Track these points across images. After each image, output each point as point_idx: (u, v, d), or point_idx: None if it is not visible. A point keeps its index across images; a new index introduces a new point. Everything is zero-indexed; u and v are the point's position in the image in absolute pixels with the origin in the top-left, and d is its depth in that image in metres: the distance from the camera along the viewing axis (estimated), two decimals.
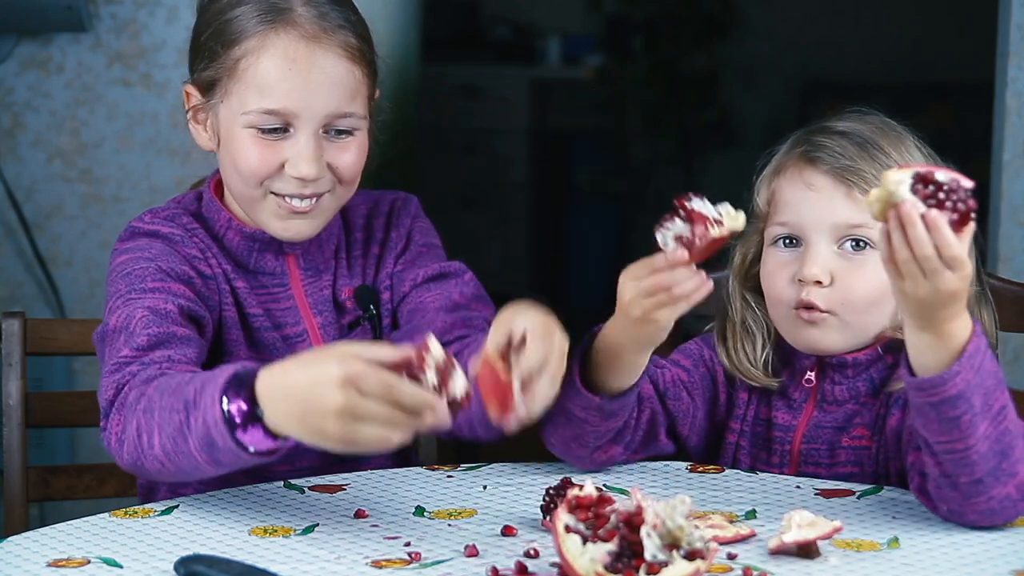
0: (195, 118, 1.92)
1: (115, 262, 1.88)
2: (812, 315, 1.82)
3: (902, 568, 1.54)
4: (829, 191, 1.82)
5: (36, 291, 3.25)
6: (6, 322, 2.08)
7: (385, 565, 1.55)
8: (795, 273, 1.83)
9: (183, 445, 1.63)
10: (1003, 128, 3.11)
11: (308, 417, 1.54)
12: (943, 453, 1.61)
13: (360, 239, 2.00)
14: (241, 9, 1.85)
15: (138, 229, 1.90)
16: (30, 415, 2.08)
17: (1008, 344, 2.99)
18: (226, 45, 1.84)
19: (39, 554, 1.59)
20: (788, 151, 1.88)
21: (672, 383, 1.91)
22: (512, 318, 1.66)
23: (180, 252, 1.87)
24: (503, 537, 1.63)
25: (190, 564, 1.50)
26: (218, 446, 1.60)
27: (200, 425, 1.60)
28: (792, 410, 1.89)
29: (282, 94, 1.82)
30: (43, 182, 3.24)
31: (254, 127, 1.84)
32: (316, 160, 1.84)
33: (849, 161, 1.81)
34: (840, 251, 1.82)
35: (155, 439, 1.65)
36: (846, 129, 1.85)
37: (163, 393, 1.66)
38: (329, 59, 1.84)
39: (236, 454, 1.59)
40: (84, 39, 3.20)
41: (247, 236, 1.91)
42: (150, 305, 1.80)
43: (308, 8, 1.85)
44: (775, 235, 1.87)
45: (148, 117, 3.21)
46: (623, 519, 1.47)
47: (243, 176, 1.86)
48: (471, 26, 6.70)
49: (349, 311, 1.96)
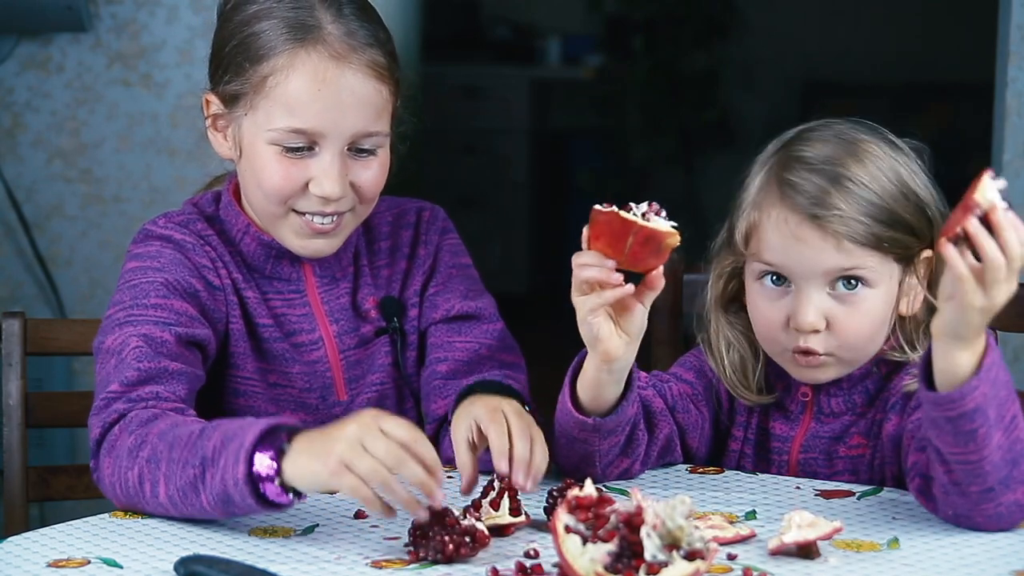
0: (214, 126, 1.89)
1: (126, 267, 1.88)
2: (810, 360, 1.81)
3: (902, 568, 1.54)
4: (818, 243, 1.77)
5: (36, 291, 3.25)
6: (6, 322, 2.08)
7: (385, 565, 1.55)
8: (788, 317, 1.80)
9: (194, 499, 1.64)
10: (1003, 128, 3.11)
11: (320, 442, 1.57)
12: (956, 463, 1.60)
13: (385, 248, 1.98)
14: (268, 23, 1.82)
15: (152, 232, 1.89)
16: (30, 415, 2.08)
17: (1008, 344, 2.99)
18: (253, 60, 1.82)
19: (39, 554, 1.58)
20: (764, 187, 1.83)
21: (679, 396, 1.90)
22: (463, 419, 1.76)
23: (190, 260, 1.86)
24: (503, 537, 1.63)
25: (190, 564, 1.50)
26: (235, 502, 1.60)
27: (218, 483, 1.60)
28: (789, 421, 1.89)
29: (310, 115, 1.80)
30: (43, 182, 3.23)
31: (278, 144, 1.82)
32: (340, 179, 1.82)
33: (833, 209, 1.76)
34: (833, 292, 1.79)
35: (160, 489, 1.66)
36: (818, 161, 1.79)
37: (172, 445, 1.66)
38: (358, 79, 1.82)
39: (254, 508, 1.61)
40: (84, 39, 3.20)
41: (264, 244, 1.89)
42: (146, 332, 1.78)
43: (337, 25, 1.82)
44: (760, 271, 1.83)
45: (148, 117, 3.21)
46: (623, 519, 1.47)
47: (266, 193, 1.84)
48: (471, 26, 6.70)
49: (372, 321, 1.94)
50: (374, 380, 1.94)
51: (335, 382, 1.92)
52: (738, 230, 1.85)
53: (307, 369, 1.90)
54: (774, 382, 1.90)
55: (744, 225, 1.84)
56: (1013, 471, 1.60)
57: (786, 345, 1.82)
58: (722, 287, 1.91)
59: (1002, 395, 1.58)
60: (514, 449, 1.69)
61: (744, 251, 1.85)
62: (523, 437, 1.70)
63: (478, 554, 1.56)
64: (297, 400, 1.90)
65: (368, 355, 1.94)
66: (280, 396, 1.90)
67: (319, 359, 1.91)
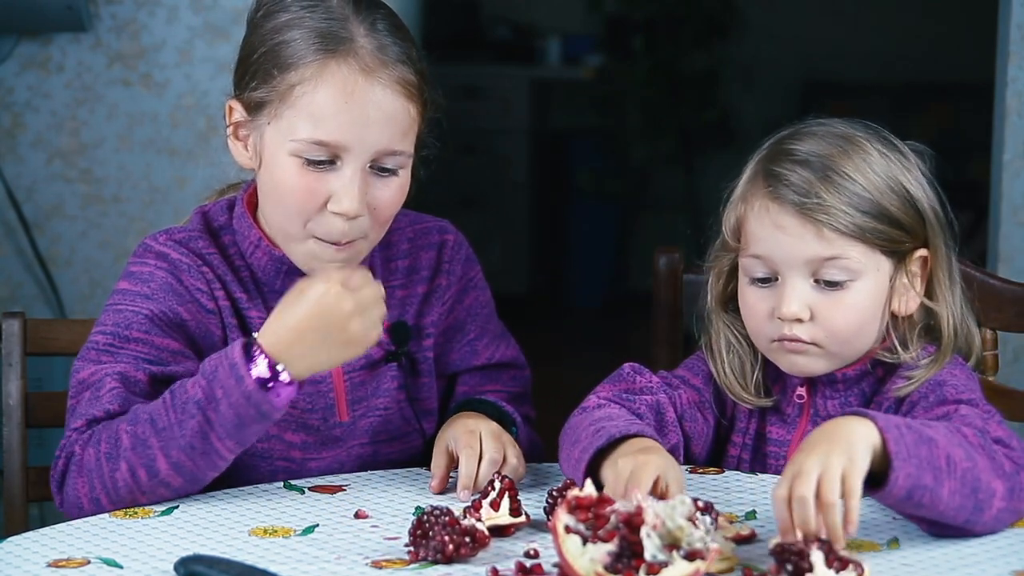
0: (235, 134, 1.86)
1: (117, 286, 1.87)
2: (796, 346, 1.80)
3: (902, 568, 1.54)
4: (798, 230, 1.77)
5: (36, 291, 3.25)
6: (6, 322, 2.08)
7: (385, 565, 1.55)
8: (773, 309, 1.80)
9: (204, 446, 1.69)
10: (1003, 128, 3.11)
11: (332, 335, 1.70)
12: (926, 521, 1.61)
13: (403, 268, 1.96)
14: (299, 32, 1.79)
15: (150, 248, 1.87)
16: (30, 415, 2.08)
17: (1008, 344, 2.99)
18: (282, 68, 1.79)
19: (39, 554, 1.59)
20: (751, 179, 1.83)
21: (688, 405, 1.90)
22: (443, 439, 1.83)
23: (184, 283, 1.84)
24: (503, 537, 1.63)
25: (190, 564, 1.50)
26: (250, 419, 1.69)
27: (225, 411, 1.68)
28: (786, 425, 1.88)
29: (335, 127, 1.77)
30: (43, 182, 3.23)
31: (300, 156, 1.79)
32: (360, 197, 1.79)
33: (815, 198, 1.76)
34: (816, 285, 1.79)
35: (159, 464, 1.70)
36: (806, 155, 1.79)
37: (153, 419, 1.71)
38: (387, 95, 1.79)
39: (266, 420, 1.70)
40: (84, 39, 3.20)
41: (275, 258, 1.87)
42: (122, 371, 1.78)
43: (370, 39, 1.79)
44: (749, 270, 1.83)
45: (148, 117, 3.21)
46: (623, 519, 1.47)
47: (285, 209, 1.82)
48: (471, 26, 6.70)
49: (382, 344, 1.91)
50: (379, 404, 1.92)
51: (337, 403, 1.90)
52: (728, 223, 1.86)
53: (310, 389, 1.88)
54: (771, 385, 1.90)
55: (732, 218, 1.85)
56: (979, 495, 1.60)
57: (772, 335, 1.81)
58: (722, 287, 1.91)
59: (923, 454, 1.57)
60: (478, 476, 1.77)
61: (735, 245, 1.85)
62: (490, 464, 1.77)
63: (478, 554, 1.56)
64: (298, 420, 1.88)
65: (373, 378, 1.92)
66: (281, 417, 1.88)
67: (323, 379, 1.88)
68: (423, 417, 1.95)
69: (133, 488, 1.72)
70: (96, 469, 1.73)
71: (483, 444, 1.79)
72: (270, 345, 1.70)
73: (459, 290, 1.99)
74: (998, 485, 1.61)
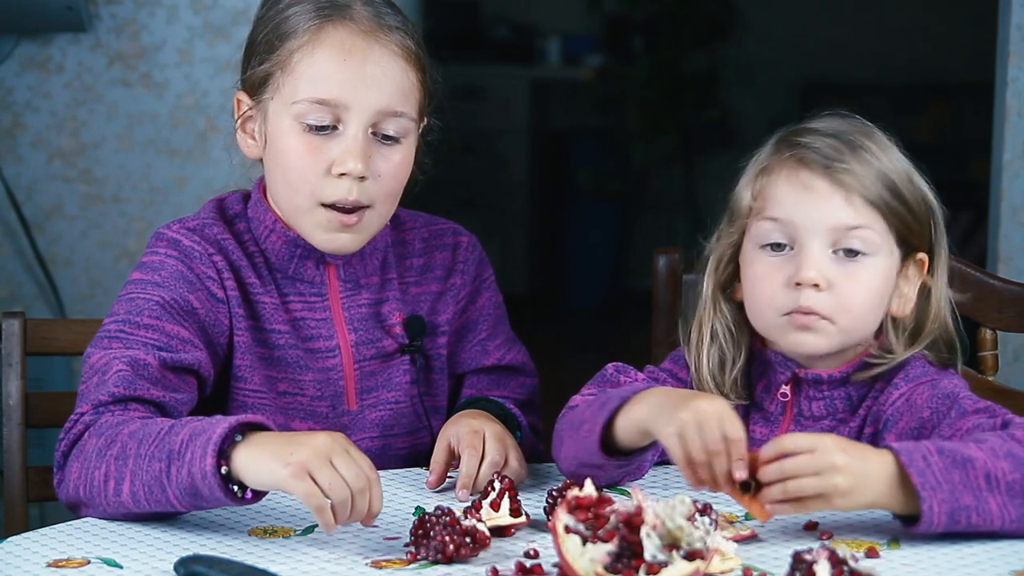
0: (243, 127, 1.89)
1: (130, 277, 1.87)
2: (809, 319, 1.77)
3: (902, 568, 1.54)
4: (827, 193, 1.77)
5: (36, 291, 3.25)
6: (6, 322, 2.08)
7: (385, 565, 1.55)
8: (790, 277, 1.78)
9: (159, 493, 1.64)
10: (1003, 128, 3.11)
11: (284, 444, 1.58)
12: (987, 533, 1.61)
13: (418, 266, 1.97)
14: (299, 7, 1.85)
15: (163, 235, 1.89)
16: (30, 415, 2.07)
17: (1008, 344, 2.99)
18: (282, 38, 1.83)
19: (39, 554, 1.59)
20: (774, 152, 1.83)
21: None
22: (446, 435, 1.82)
23: (194, 271, 1.85)
24: (503, 537, 1.63)
25: (190, 564, 1.50)
26: (203, 495, 1.62)
27: (184, 476, 1.61)
28: (769, 423, 1.86)
29: (334, 84, 1.81)
30: (43, 182, 3.23)
31: (302, 121, 1.82)
32: (363, 156, 1.81)
33: (844, 163, 1.77)
34: (835, 256, 1.78)
35: (124, 486, 1.66)
36: (831, 129, 1.81)
37: (141, 442, 1.67)
38: (385, 55, 1.83)
39: (223, 501, 1.62)
40: (84, 39, 3.20)
41: (290, 240, 1.88)
42: (132, 356, 1.78)
43: (367, 7, 1.85)
44: (764, 235, 1.80)
45: (148, 117, 3.21)
46: (623, 519, 1.47)
47: (291, 181, 1.84)
48: (471, 26, 6.70)
49: (396, 337, 1.93)
50: (390, 398, 1.93)
51: (346, 391, 1.91)
52: (743, 197, 1.84)
53: (320, 377, 1.89)
54: (754, 382, 1.88)
55: (748, 193, 1.83)
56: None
57: (786, 306, 1.79)
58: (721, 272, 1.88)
59: (956, 478, 1.57)
60: (478, 477, 1.76)
61: (747, 212, 1.83)
62: (491, 466, 1.77)
63: (478, 554, 1.56)
64: (307, 409, 1.89)
65: (385, 369, 1.93)
66: (289, 405, 1.89)
67: (333, 367, 1.89)
68: (432, 414, 1.96)
69: (100, 492, 1.69)
70: (89, 459, 1.71)
71: (486, 445, 1.79)
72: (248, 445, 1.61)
73: (472, 290, 2.00)
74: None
